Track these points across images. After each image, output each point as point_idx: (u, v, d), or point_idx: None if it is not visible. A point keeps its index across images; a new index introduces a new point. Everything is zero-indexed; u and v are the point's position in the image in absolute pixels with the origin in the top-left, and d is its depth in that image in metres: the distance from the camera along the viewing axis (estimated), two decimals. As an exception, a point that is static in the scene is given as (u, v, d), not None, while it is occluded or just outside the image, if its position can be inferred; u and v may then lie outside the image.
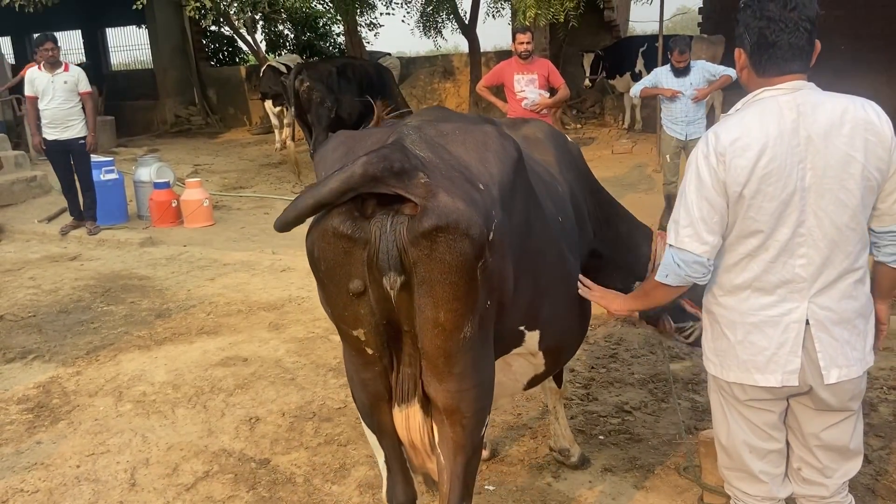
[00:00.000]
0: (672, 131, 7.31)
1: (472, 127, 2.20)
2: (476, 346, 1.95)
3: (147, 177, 8.94)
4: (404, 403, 2.04)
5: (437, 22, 16.15)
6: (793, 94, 2.03)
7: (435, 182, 1.82)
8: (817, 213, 2.01)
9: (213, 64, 19.31)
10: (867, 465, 3.31)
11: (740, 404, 2.22)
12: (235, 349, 4.93)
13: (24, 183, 10.00)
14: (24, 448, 3.76)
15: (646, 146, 11.35)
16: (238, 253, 7.37)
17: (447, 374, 1.93)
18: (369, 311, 1.89)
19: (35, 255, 7.67)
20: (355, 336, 1.95)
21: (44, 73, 7.81)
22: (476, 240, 1.80)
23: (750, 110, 2.06)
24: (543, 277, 2.32)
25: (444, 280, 1.81)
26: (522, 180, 2.19)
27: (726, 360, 2.19)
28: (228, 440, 3.77)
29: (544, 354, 2.46)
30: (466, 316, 1.87)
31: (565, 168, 2.89)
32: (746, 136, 2.00)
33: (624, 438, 3.67)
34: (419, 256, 1.80)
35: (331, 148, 2.20)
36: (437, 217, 1.77)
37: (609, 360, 4.59)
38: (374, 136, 2.13)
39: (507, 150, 2.13)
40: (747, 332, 2.13)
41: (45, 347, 5.08)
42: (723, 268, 2.15)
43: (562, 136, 3.13)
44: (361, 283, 1.85)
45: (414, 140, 1.96)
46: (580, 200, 2.90)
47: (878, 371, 4.18)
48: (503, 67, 7.07)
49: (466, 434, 2.02)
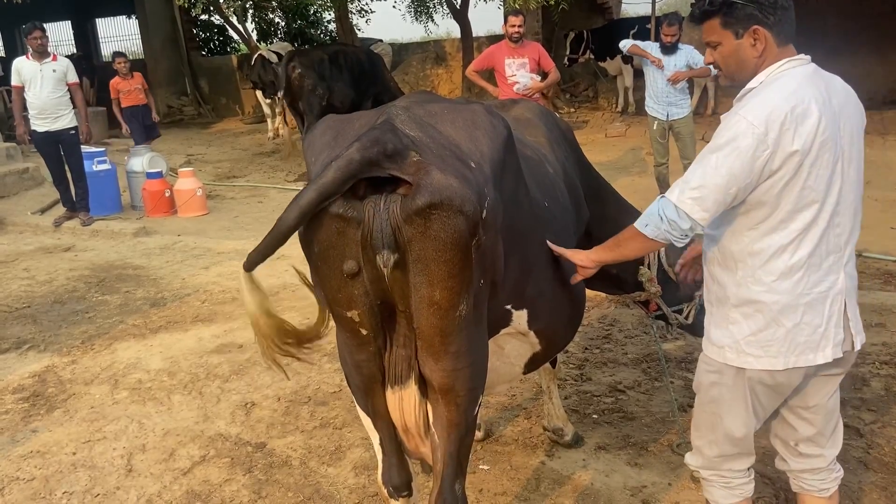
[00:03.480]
0: (653, 111, 7.31)
1: (461, 106, 2.18)
2: (471, 325, 1.95)
3: (140, 167, 8.93)
4: (398, 385, 2.03)
5: (428, 7, 16.10)
6: (811, 65, 2.10)
7: (427, 160, 1.82)
8: (847, 180, 2.07)
9: (204, 53, 19.22)
10: (859, 439, 3.35)
11: (767, 389, 2.18)
12: (230, 336, 4.94)
13: (17, 175, 9.97)
14: (20, 436, 3.77)
15: (639, 129, 11.33)
16: (232, 242, 7.36)
17: (443, 353, 1.92)
18: (363, 291, 1.88)
19: (29, 246, 7.65)
20: (349, 317, 1.93)
21: (31, 63, 7.76)
22: (470, 216, 1.80)
23: (787, 79, 2.04)
24: (530, 257, 2.31)
25: (438, 258, 1.80)
26: (512, 158, 2.19)
27: (774, 348, 2.10)
28: (224, 425, 3.79)
29: (537, 335, 2.45)
30: (461, 294, 1.87)
31: (557, 147, 2.87)
32: (803, 104, 1.98)
33: (617, 417, 3.69)
34: (413, 234, 1.79)
35: (318, 132, 2.18)
36: (430, 194, 1.76)
37: (602, 340, 4.60)
38: (361, 118, 2.12)
39: (496, 128, 2.12)
40: (803, 314, 2.08)
41: (40, 337, 5.08)
42: (774, 251, 2.06)
43: (552, 116, 3.12)
44: (356, 264, 1.84)
45: (403, 120, 1.95)
46: (574, 180, 2.88)
47: (870, 346, 4.21)
48: (493, 51, 7.02)
49: (461, 413, 2.02)
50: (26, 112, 7.89)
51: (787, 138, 1.96)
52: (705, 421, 2.33)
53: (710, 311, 2.28)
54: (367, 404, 2.16)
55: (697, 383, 2.33)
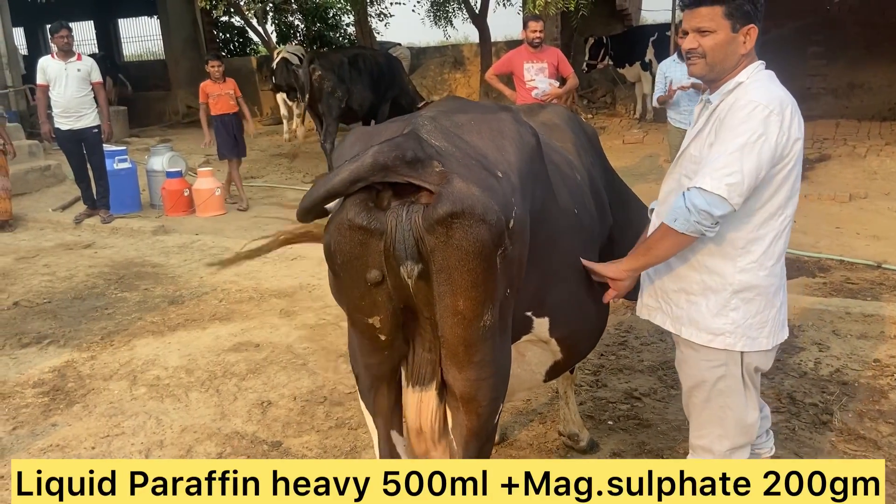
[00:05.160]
0: (678, 122, 7.25)
1: (489, 115, 2.18)
2: (495, 335, 1.94)
3: (159, 166, 9.01)
4: (419, 386, 2.03)
5: (447, 11, 16.13)
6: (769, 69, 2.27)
7: (450, 170, 1.81)
8: None
9: (224, 55, 19.35)
10: (877, 451, 3.33)
11: (757, 376, 2.32)
12: (247, 335, 4.98)
13: (39, 172, 10.10)
14: (40, 430, 3.82)
15: (657, 136, 11.30)
16: (249, 241, 7.40)
17: (467, 363, 1.92)
18: (387, 298, 1.89)
19: (49, 242, 7.75)
20: (370, 323, 1.94)
21: (56, 61, 7.86)
22: (493, 226, 1.78)
23: (771, 76, 2.21)
24: (554, 265, 2.30)
25: (461, 267, 1.79)
26: (539, 168, 2.18)
27: (767, 328, 2.25)
28: (241, 423, 3.82)
29: (559, 343, 2.43)
30: (486, 304, 1.85)
31: (584, 153, 2.87)
32: (794, 101, 2.15)
33: (633, 424, 3.69)
34: (435, 244, 1.78)
35: (348, 144, 2.19)
36: (451, 203, 1.75)
37: (618, 347, 4.60)
38: (389, 129, 2.11)
39: (523, 137, 2.11)
40: (783, 294, 2.28)
41: (60, 333, 5.14)
42: (772, 238, 2.20)
43: (579, 121, 3.12)
44: (379, 273, 1.84)
45: (429, 130, 1.95)
46: (599, 186, 2.88)
47: (888, 359, 4.18)
48: (512, 56, 7.05)
49: (481, 422, 2.02)
50: (50, 110, 7.99)
51: (795, 125, 2.10)
52: (711, 417, 2.34)
53: (696, 303, 2.27)
54: (369, 401, 2.18)
55: (699, 381, 2.32)
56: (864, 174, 9.07)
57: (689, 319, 2.29)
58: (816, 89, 12.31)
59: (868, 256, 6.17)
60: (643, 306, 2.51)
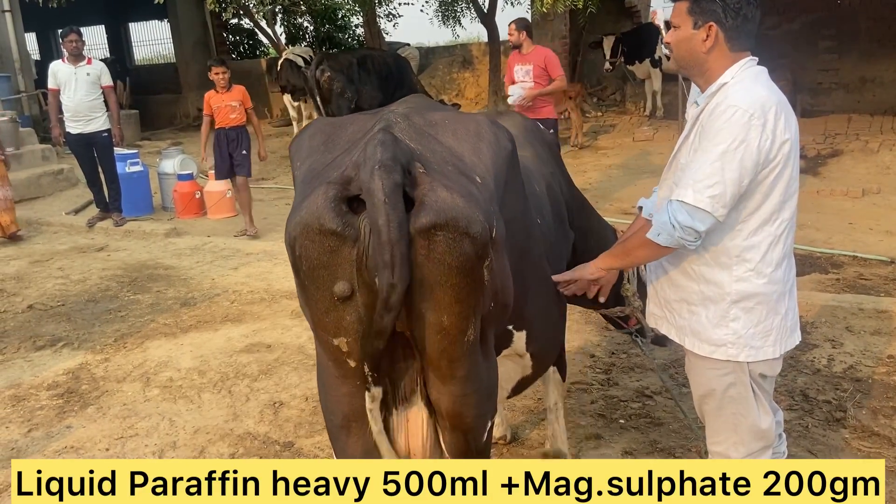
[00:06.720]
0: None
1: (464, 116, 2.05)
2: (480, 349, 1.85)
3: (171, 169, 9.06)
4: (402, 405, 1.90)
5: (455, 11, 16.09)
6: (760, 66, 2.18)
7: (431, 175, 1.68)
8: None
9: (234, 57, 19.45)
10: (891, 448, 3.30)
11: (766, 378, 2.26)
12: (259, 336, 5.00)
13: (52, 176, 10.18)
14: (55, 432, 3.86)
15: (667, 133, 11.25)
16: (260, 243, 7.45)
17: (450, 378, 1.81)
18: (356, 318, 1.70)
19: (63, 246, 7.81)
20: (336, 345, 1.75)
21: (67, 66, 7.92)
22: (478, 239, 1.66)
23: (759, 75, 2.14)
24: (528, 276, 2.21)
25: (444, 282, 1.67)
26: (516, 173, 2.08)
27: (772, 336, 2.19)
28: (253, 424, 3.84)
29: (532, 357, 2.36)
30: (470, 318, 1.74)
31: (543, 163, 2.76)
32: (783, 96, 2.09)
33: (644, 422, 3.68)
34: (416, 257, 1.64)
35: (307, 135, 2.05)
36: (434, 214, 1.62)
37: (629, 345, 4.58)
38: (354, 124, 1.98)
39: (500, 140, 1.98)
40: (788, 299, 2.21)
41: (74, 335, 5.19)
42: (770, 243, 2.14)
43: (538, 129, 3.02)
44: (349, 286, 1.67)
45: (403, 129, 1.81)
46: (558, 195, 2.77)
47: (903, 356, 4.15)
48: (509, 60, 7.26)
49: (470, 440, 1.92)
50: (61, 114, 8.06)
51: (780, 126, 2.03)
52: (725, 425, 2.32)
53: (697, 313, 2.23)
54: (343, 446, 1.93)
55: (709, 390, 2.29)
56: (876, 169, 9.00)
57: (692, 330, 2.25)
58: (828, 84, 12.22)
59: (881, 252, 6.12)
60: (650, 314, 2.49)
